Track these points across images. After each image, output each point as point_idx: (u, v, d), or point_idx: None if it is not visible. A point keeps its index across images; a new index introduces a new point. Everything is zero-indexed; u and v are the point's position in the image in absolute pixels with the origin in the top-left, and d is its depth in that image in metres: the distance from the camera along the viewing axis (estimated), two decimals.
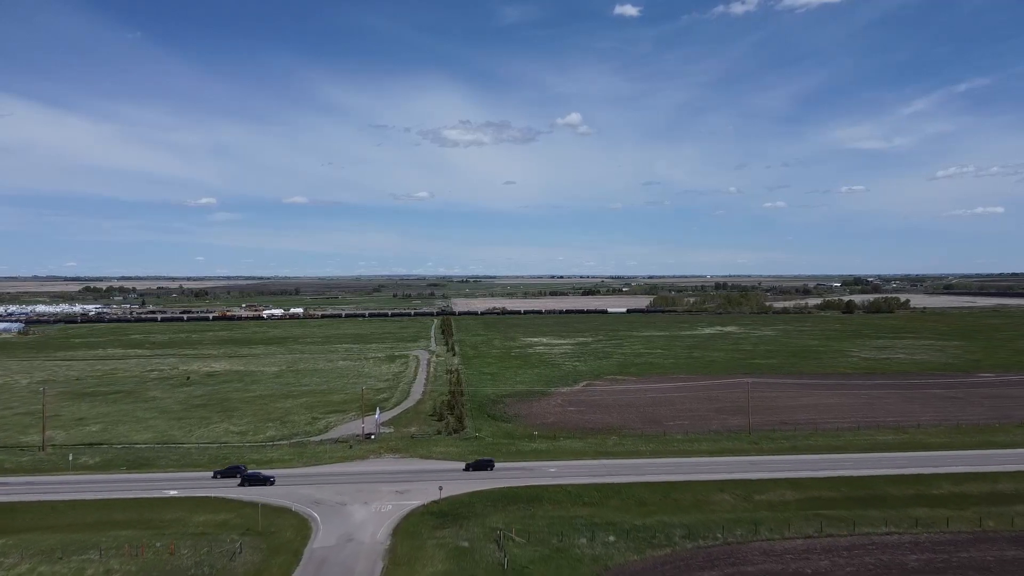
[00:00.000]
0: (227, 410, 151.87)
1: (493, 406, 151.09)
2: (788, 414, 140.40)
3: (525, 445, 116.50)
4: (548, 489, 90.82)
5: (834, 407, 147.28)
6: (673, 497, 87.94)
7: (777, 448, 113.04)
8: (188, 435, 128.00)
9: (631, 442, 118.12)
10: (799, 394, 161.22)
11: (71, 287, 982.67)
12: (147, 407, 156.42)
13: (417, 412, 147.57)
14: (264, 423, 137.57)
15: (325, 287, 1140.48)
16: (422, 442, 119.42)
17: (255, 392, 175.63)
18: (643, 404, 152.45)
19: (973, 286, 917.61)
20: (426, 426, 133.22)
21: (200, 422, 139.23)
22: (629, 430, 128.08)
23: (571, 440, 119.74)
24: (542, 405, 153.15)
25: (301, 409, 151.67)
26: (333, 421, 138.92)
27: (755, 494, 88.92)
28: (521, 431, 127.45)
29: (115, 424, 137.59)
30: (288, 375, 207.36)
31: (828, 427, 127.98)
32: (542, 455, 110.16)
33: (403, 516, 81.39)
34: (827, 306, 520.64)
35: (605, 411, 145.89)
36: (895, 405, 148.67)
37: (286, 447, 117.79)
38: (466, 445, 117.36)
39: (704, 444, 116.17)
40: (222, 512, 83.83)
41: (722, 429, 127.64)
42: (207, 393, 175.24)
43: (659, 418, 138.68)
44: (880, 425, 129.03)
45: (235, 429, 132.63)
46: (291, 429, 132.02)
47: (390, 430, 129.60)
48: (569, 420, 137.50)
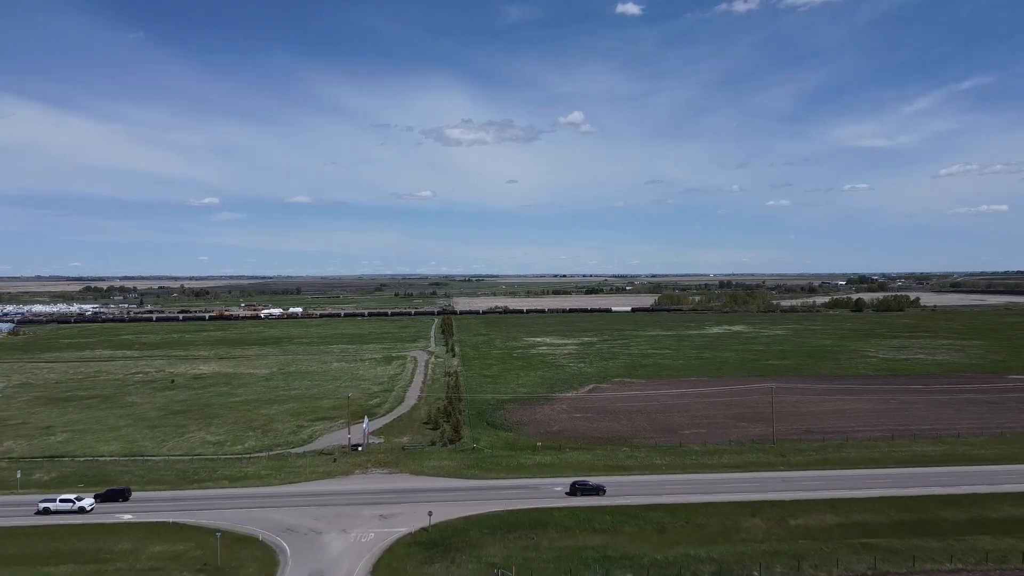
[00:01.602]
0: (207, 417, 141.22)
1: (493, 412, 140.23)
2: (813, 421, 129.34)
3: (527, 458, 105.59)
4: (554, 513, 79.89)
5: (862, 413, 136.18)
6: (697, 522, 76.96)
7: (807, 462, 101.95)
8: (159, 446, 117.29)
9: (644, 454, 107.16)
10: (822, 399, 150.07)
11: (73, 287, 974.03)
12: (122, 414, 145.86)
13: (411, 419, 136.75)
14: (244, 432, 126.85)
15: (327, 286, 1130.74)
16: (414, 455, 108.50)
17: (240, 397, 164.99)
18: (655, 410, 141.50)
19: (980, 284, 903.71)
20: (420, 435, 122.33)
21: (175, 431, 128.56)
22: (641, 440, 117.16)
23: (578, 452, 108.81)
24: (546, 411, 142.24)
25: (286, 416, 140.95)
26: (319, 430, 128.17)
27: (790, 518, 77.96)
28: (523, 441, 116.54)
29: (83, 433, 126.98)
30: (278, 378, 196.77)
31: (859, 436, 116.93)
32: (546, 470, 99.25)
33: (386, 548, 70.46)
34: (835, 304, 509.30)
35: (614, 418, 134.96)
36: (927, 411, 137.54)
37: (264, 460, 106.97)
38: (462, 458, 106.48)
39: (726, 456, 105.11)
40: (180, 541, 73.01)
41: (743, 439, 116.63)
42: (189, 398, 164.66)
43: (673, 426, 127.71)
44: (915, 434, 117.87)
45: (211, 439, 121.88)
46: (272, 439, 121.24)
47: (380, 440, 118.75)
48: (575, 428, 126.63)
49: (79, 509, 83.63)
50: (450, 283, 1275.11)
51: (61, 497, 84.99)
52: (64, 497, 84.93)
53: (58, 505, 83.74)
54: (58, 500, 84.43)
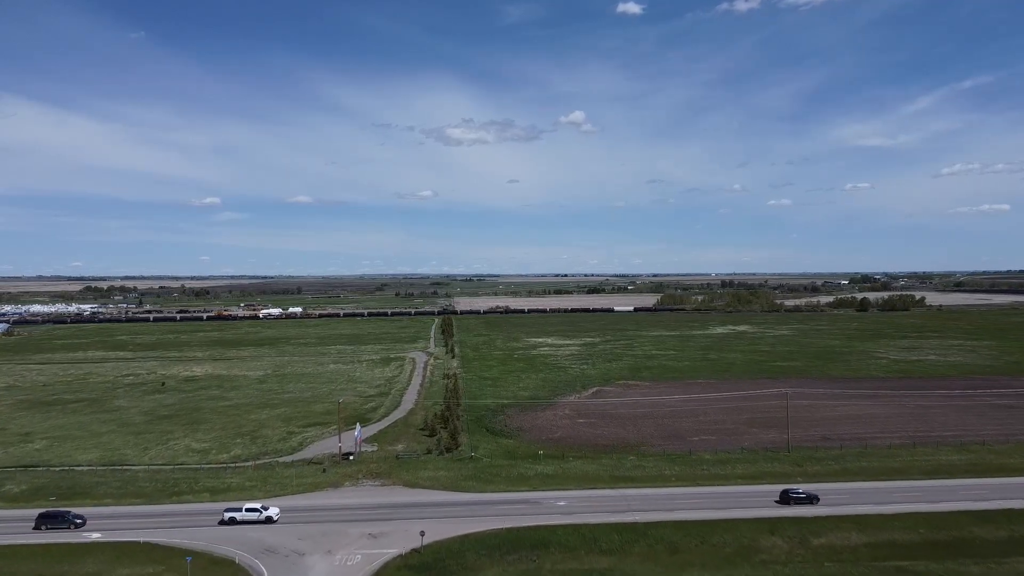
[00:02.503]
0: (194, 422, 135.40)
1: (493, 418, 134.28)
2: (828, 427, 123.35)
3: (528, 468, 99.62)
4: (557, 531, 73.88)
5: (878, 418, 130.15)
6: (712, 542, 70.98)
7: (826, 472, 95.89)
8: (141, 455, 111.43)
9: (652, 463, 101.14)
10: (835, 403, 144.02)
11: (73, 287, 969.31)
12: (107, 419, 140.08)
13: (407, 425, 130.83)
14: (232, 439, 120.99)
15: (328, 286, 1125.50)
16: (408, 464, 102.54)
17: (231, 401, 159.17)
18: (661, 415, 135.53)
19: (984, 284, 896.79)
20: (416, 443, 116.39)
21: (159, 438, 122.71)
22: (648, 447, 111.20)
23: (582, 461, 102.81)
24: (548, 416, 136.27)
25: (277, 422, 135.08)
26: (310, 436, 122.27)
27: (813, 536, 71.99)
28: (524, 449, 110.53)
29: (63, 441, 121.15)
30: (272, 380, 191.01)
31: (878, 443, 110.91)
32: (549, 481, 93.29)
33: (374, 572, 64.55)
34: (840, 304, 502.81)
35: (619, 423, 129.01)
36: (947, 416, 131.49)
37: (250, 470, 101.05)
38: (460, 467, 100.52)
39: (739, 466, 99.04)
40: (150, 563, 67.14)
41: (756, 446, 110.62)
42: (178, 402, 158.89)
43: (681, 432, 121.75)
44: (937, 441, 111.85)
45: (197, 447, 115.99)
46: (260, 447, 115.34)
47: (373, 448, 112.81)
48: (579, 435, 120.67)
49: (266, 519, 78.76)
50: (451, 283, 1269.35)
51: (247, 506, 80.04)
52: (250, 506, 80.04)
53: (244, 515, 78.89)
54: (244, 510, 79.50)
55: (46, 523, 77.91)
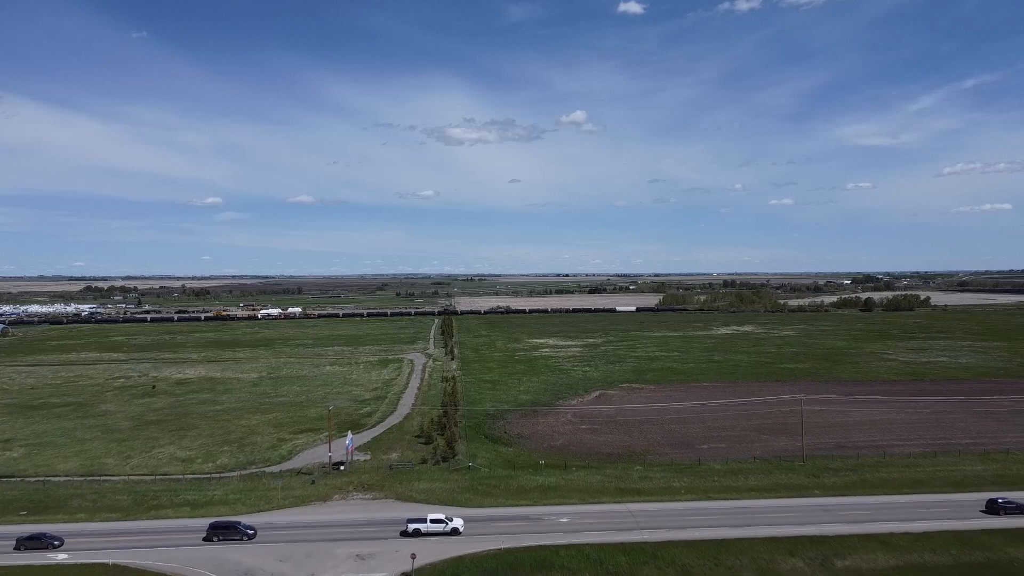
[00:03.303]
0: (182, 428, 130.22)
1: (492, 424, 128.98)
2: (843, 434, 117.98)
3: (529, 479, 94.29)
4: (559, 552, 68.52)
5: (895, 424, 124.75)
6: (727, 564, 65.59)
7: (844, 484, 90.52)
8: (123, 463, 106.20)
9: (660, 474, 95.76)
10: (848, 407, 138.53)
11: (74, 287, 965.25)
12: (92, 424, 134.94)
13: (402, 432, 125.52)
14: (219, 446, 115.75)
15: (329, 286, 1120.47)
16: (402, 475, 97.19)
17: (222, 405, 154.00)
18: (667, 420, 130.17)
19: (987, 283, 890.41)
20: (411, 451, 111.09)
21: (144, 445, 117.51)
22: (655, 456, 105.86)
23: (586, 471, 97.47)
24: (549, 422, 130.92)
25: (268, 427, 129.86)
26: (301, 444, 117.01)
27: (836, 558, 66.62)
28: (524, 458, 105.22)
29: (43, 448, 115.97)
30: (266, 383, 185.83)
31: (896, 451, 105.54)
32: (550, 494, 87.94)
33: None
34: (844, 304, 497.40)
35: (624, 430, 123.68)
36: (966, 422, 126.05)
37: (235, 481, 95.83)
38: (456, 479, 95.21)
39: (752, 478, 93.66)
40: None
41: (768, 455, 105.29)
42: (168, 406, 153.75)
43: (689, 439, 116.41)
44: (959, 449, 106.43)
45: (182, 455, 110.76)
46: (248, 455, 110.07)
47: (366, 457, 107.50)
48: (582, 442, 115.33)
49: (452, 531, 74.59)
50: (452, 283, 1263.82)
51: (432, 516, 75.99)
52: (435, 517, 75.80)
53: (429, 526, 74.97)
54: (428, 520, 75.38)
55: (24, 544, 73.14)
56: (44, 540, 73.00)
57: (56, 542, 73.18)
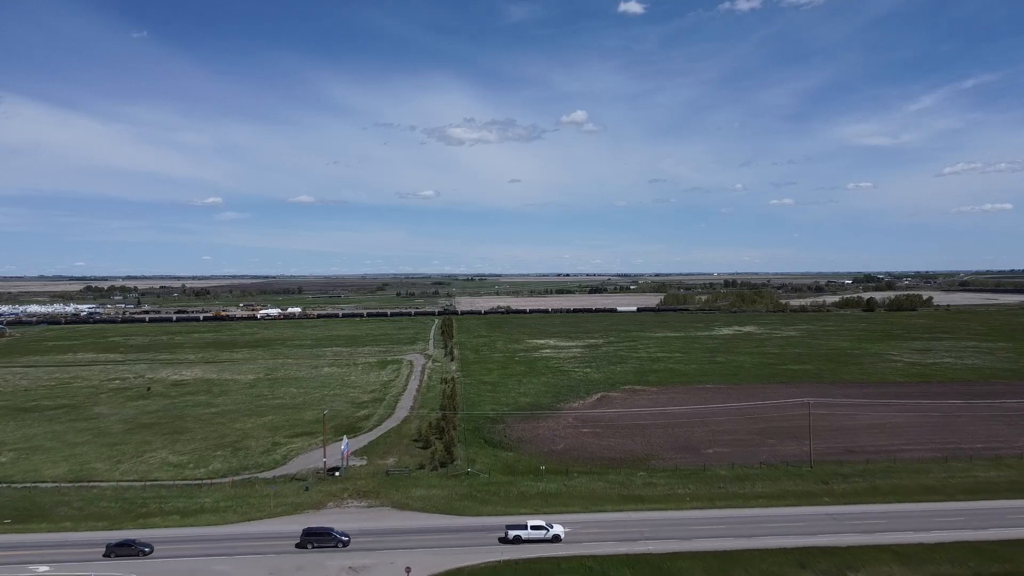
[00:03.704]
0: (175, 432, 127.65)
1: (491, 427, 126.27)
2: (850, 438, 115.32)
3: (529, 485, 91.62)
4: (560, 564, 65.84)
5: (903, 428, 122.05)
6: None
7: (854, 491, 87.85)
8: (113, 469, 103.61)
9: (664, 480, 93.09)
10: (855, 410, 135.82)
11: (75, 287, 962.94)
12: (84, 428, 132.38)
13: (400, 435, 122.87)
14: (212, 451, 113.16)
15: (330, 286, 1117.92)
16: (399, 481, 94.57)
17: (217, 407, 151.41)
18: (671, 424, 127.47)
19: (989, 283, 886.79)
20: (408, 456, 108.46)
21: (136, 449, 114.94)
22: (658, 461, 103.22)
23: (587, 477, 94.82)
24: (550, 426, 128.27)
25: (263, 431, 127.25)
26: (296, 448, 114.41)
27: (849, 570, 63.94)
28: (524, 463, 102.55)
29: (32, 453, 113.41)
30: (263, 384, 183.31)
31: (906, 457, 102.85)
32: (551, 501, 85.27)
33: None
34: (846, 304, 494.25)
35: (626, 434, 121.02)
36: (976, 425, 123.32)
37: (227, 488, 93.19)
38: (455, 485, 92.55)
39: (759, 484, 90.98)
40: None
41: (775, 459, 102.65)
42: (162, 408, 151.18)
43: (693, 443, 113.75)
44: (970, 454, 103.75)
45: (174, 460, 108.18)
46: (242, 460, 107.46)
47: (363, 462, 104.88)
48: (583, 446, 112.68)
49: (553, 538, 72.01)
50: (452, 282, 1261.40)
51: (532, 523, 73.25)
52: (535, 523, 73.08)
53: (529, 533, 72.36)
54: (529, 527, 72.70)
55: (115, 551, 71.18)
56: (135, 547, 70.85)
57: (147, 548, 70.95)
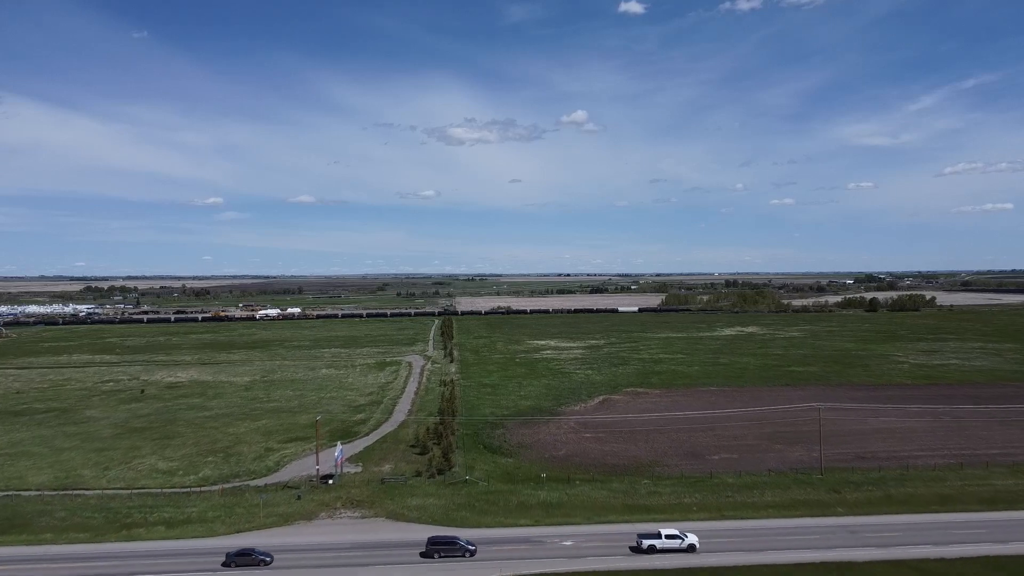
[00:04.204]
0: (166, 436, 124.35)
1: (491, 432, 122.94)
2: (860, 443, 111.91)
3: (530, 494, 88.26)
4: None
5: (915, 433, 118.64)
6: None
7: (867, 500, 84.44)
8: (100, 476, 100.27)
9: (670, 489, 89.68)
10: (863, 414, 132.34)
11: (75, 287, 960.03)
12: (73, 432, 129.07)
13: (397, 441, 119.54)
14: (203, 457, 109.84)
15: (330, 286, 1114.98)
16: (394, 489, 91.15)
17: (211, 411, 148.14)
18: (675, 429, 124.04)
19: (991, 283, 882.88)
20: (405, 462, 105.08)
21: (124, 455, 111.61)
22: (663, 468, 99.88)
23: (590, 485, 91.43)
24: (551, 430, 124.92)
25: (256, 436, 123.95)
26: (290, 454, 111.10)
27: None
28: (525, 470, 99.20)
29: (17, 458, 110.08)
30: (259, 387, 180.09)
31: (919, 464, 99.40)
32: (553, 512, 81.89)
33: None
34: (848, 304, 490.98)
35: (630, 439, 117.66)
36: (990, 430, 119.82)
37: (216, 496, 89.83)
38: (452, 494, 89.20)
39: (768, 493, 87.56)
40: None
41: (783, 466, 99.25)
42: (154, 412, 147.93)
43: (699, 449, 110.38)
44: (986, 461, 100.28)
45: (163, 466, 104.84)
46: (233, 467, 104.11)
47: (357, 468, 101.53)
48: (586, 452, 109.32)
49: (688, 547, 69.22)
50: (453, 282, 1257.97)
51: (667, 532, 70.11)
52: (670, 532, 70.11)
53: (664, 542, 69.27)
54: (663, 536, 69.58)
55: (234, 561, 68.31)
56: (255, 556, 68.04)
57: (267, 558, 68.21)
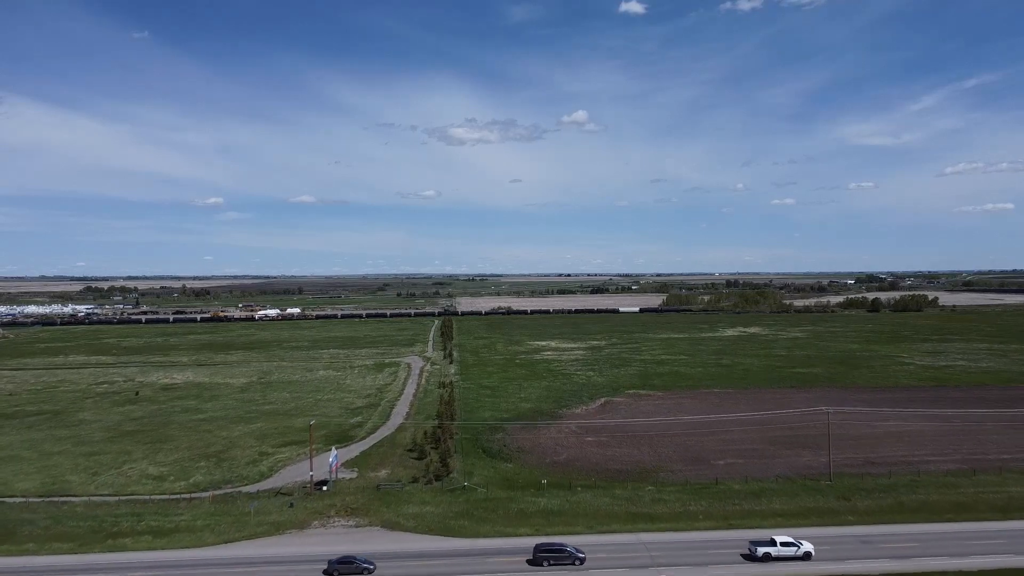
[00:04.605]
0: (159, 440, 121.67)
1: (490, 436, 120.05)
2: (870, 447, 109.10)
3: (530, 501, 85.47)
4: None
5: (925, 437, 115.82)
6: None
7: (879, 508, 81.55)
8: (88, 482, 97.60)
9: (675, 496, 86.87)
10: (870, 417, 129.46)
11: (75, 287, 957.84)
12: (64, 436, 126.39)
13: (394, 445, 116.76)
14: (195, 462, 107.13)
15: (330, 286, 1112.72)
16: (390, 496, 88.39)
17: (206, 413, 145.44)
18: (679, 432, 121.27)
19: (993, 283, 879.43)
20: (402, 467, 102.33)
21: (115, 460, 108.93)
22: (668, 473, 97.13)
23: (592, 492, 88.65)
24: (552, 434, 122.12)
25: (250, 439, 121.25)
26: (284, 458, 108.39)
27: None
28: (525, 476, 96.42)
29: (5, 463, 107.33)
30: (255, 388, 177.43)
31: (930, 469, 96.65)
32: (554, 520, 79.07)
33: None
34: (851, 304, 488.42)
35: (633, 443, 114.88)
36: (1002, 434, 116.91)
37: (207, 503, 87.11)
38: (450, 501, 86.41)
39: (776, 500, 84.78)
40: None
41: (790, 472, 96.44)
42: (149, 414, 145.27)
43: (703, 454, 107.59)
44: (999, 467, 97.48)
45: (154, 472, 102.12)
46: (225, 472, 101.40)
47: (353, 474, 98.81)
48: (588, 457, 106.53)
49: (804, 555, 67.18)
50: (453, 283, 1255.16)
51: (781, 540, 68.01)
52: (785, 540, 68.05)
53: (780, 550, 67.16)
54: (778, 543, 67.58)
55: (337, 569, 65.99)
56: (356, 564, 65.88)
57: (369, 566, 65.68)
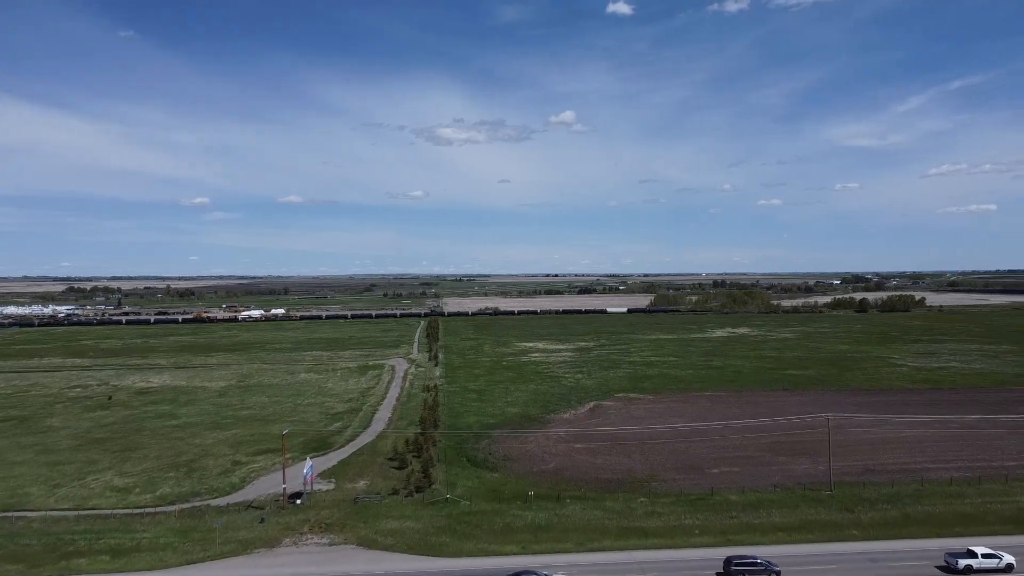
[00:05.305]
0: (128, 449, 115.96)
1: (475, 443, 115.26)
2: (870, 455, 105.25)
3: (516, 515, 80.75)
4: None
5: (925, 443, 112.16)
6: None
7: (884, 521, 77.50)
8: (48, 494, 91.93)
9: (668, 508, 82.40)
10: (867, 422, 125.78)
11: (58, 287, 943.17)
12: (29, 443, 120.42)
13: (374, 453, 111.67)
14: (164, 472, 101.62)
15: (317, 286, 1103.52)
16: (368, 511, 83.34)
17: (180, 419, 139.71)
18: (672, 438, 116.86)
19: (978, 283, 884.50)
20: (381, 478, 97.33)
21: (80, 470, 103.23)
22: (661, 482, 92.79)
23: (582, 504, 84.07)
24: (540, 441, 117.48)
25: (224, 447, 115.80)
26: (258, 468, 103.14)
27: None
28: (511, 487, 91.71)
29: None
30: (234, 392, 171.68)
31: (933, 477, 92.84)
32: (541, 536, 74.42)
33: None
34: (838, 304, 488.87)
35: (623, 450, 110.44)
36: (1004, 439, 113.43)
37: (173, 518, 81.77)
38: (432, 515, 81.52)
39: (776, 512, 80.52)
40: None
41: (789, 481, 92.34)
42: (120, 420, 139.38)
43: (697, 462, 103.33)
44: (1004, 475, 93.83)
45: (119, 483, 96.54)
46: (195, 483, 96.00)
47: (330, 485, 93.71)
48: (576, 466, 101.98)
49: (1006, 567, 63.71)
50: (440, 283, 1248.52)
51: (982, 551, 64.10)
52: (985, 551, 64.17)
53: (981, 562, 63.47)
54: (980, 555, 63.77)
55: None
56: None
57: None
